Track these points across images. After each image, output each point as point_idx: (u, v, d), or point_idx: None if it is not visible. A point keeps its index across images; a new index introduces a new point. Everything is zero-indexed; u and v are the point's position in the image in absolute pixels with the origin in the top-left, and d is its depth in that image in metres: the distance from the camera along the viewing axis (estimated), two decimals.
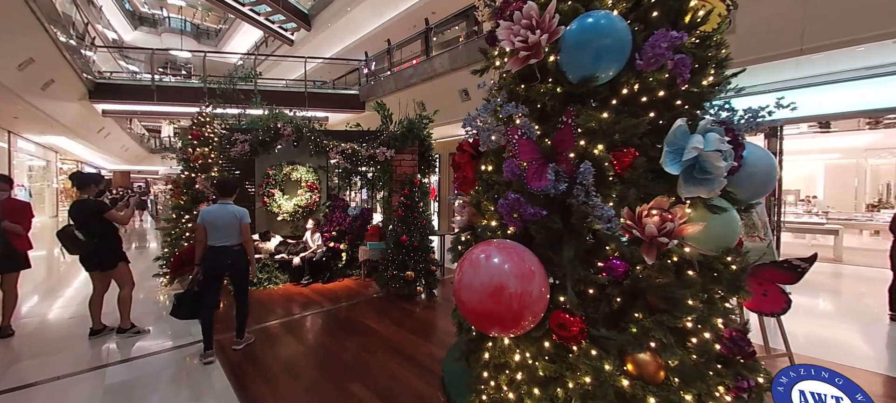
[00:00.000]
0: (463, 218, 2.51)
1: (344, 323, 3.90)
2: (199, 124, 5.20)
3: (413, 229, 4.79)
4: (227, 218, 3.02)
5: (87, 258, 3.26)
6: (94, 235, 3.21)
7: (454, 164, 2.52)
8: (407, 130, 5.26)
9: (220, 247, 3.01)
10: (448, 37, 12.91)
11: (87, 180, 3.34)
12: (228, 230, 3.02)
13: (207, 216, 3.02)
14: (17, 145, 12.22)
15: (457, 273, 1.83)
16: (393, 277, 4.66)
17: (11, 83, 7.25)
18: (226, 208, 3.07)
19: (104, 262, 3.32)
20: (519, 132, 1.88)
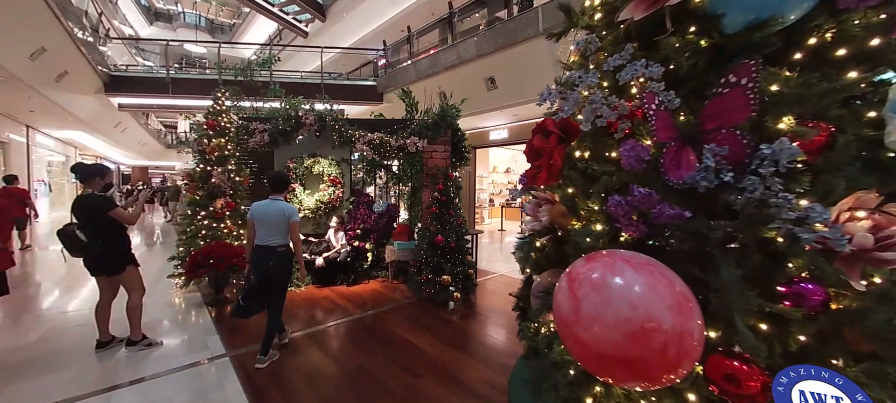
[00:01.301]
0: (541, 219, 2.00)
1: (378, 335, 3.44)
2: (215, 113, 4.80)
3: (449, 229, 4.29)
4: (274, 215, 2.78)
5: (92, 261, 2.86)
6: (99, 235, 2.80)
7: (532, 150, 2.00)
8: (439, 118, 4.75)
9: (265, 246, 2.78)
10: (466, 26, 12.31)
11: (91, 171, 2.91)
12: (275, 228, 2.78)
13: (256, 211, 2.82)
14: (36, 140, 12.16)
15: (565, 297, 1.32)
16: (427, 281, 4.18)
17: (24, 74, 6.99)
18: (275, 204, 2.82)
19: (110, 266, 2.91)
20: (656, 101, 1.35)
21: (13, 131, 10.60)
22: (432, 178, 4.86)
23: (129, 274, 3.00)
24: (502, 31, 7.72)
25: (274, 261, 2.77)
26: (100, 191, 2.93)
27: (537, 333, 2.08)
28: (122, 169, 27.06)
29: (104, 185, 2.97)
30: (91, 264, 2.87)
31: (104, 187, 2.97)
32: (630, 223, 1.48)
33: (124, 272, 2.96)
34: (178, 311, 4.12)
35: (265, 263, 2.76)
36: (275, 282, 2.84)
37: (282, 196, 2.92)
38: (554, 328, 1.91)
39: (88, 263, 2.87)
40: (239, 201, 4.85)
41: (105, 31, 10.88)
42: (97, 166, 2.95)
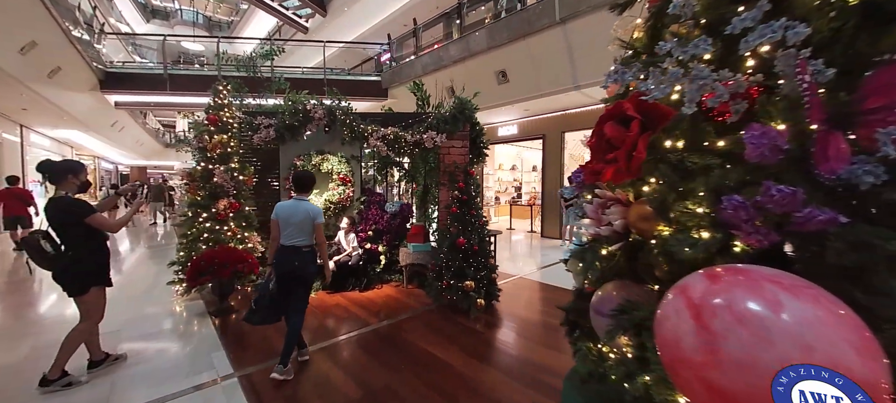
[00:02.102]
0: (611, 223, 1.69)
1: (400, 348, 3.13)
2: (217, 108, 4.47)
3: (471, 230, 3.98)
4: (300, 215, 2.68)
5: (58, 274, 2.43)
6: (70, 246, 2.41)
7: (602, 141, 1.69)
8: (458, 111, 4.43)
9: (290, 246, 2.68)
10: (471, 19, 11.95)
11: (61, 169, 2.47)
12: (301, 229, 2.68)
13: (281, 211, 2.71)
14: (31, 140, 11.81)
15: (688, 330, 1.01)
16: (448, 287, 3.87)
17: (14, 69, 6.66)
18: (300, 205, 2.72)
19: (69, 284, 2.44)
20: (808, 73, 1.04)
21: (7, 131, 10.26)
22: (450, 175, 4.54)
23: (91, 298, 2.53)
24: (515, 21, 7.38)
25: (299, 260, 2.68)
26: (75, 192, 2.55)
27: (603, 357, 1.77)
28: (121, 169, 26.69)
29: (80, 184, 2.57)
30: (58, 278, 2.45)
31: (80, 187, 2.58)
32: (754, 230, 1.17)
33: (86, 293, 2.49)
34: (179, 321, 3.81)
35: (289, 262, 2.67)
36: (299, 282, 2.72)
37: (307, 196, 2.81)
38: (632, 355, 1.61)
39: (56, 276, 2.45)
40: (243, 202, 4.54)
41: (100, 26, 10.51)
42: (68, 163, 2.55)
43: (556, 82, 7.47)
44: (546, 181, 9.77)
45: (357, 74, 12.69)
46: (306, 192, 2.82)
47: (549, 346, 3.17)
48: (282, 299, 2.70)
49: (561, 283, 5.15)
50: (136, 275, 5.87)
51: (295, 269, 2.67)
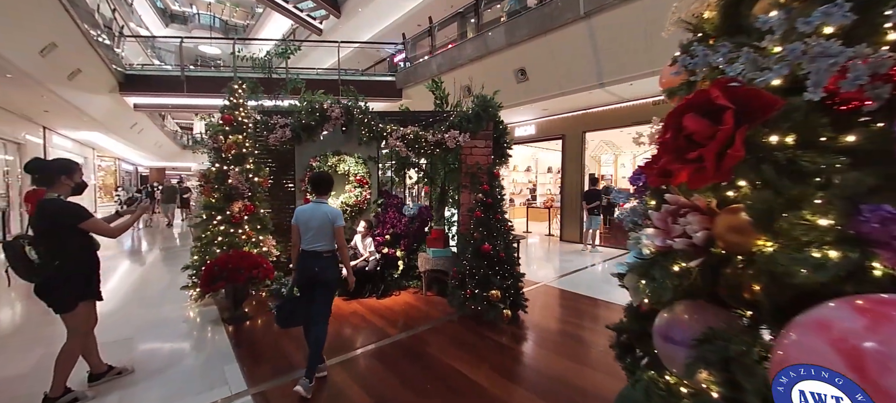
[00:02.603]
0: (690, 234, 1.43)
1: (425, 364, 2.90)
2: (232, 108, 4.33)
3: (496, 236, 3.73)
4: (320, 219, 2.56)
5: (42, 287, 2.18)
6: (58, 254, 2.17)
7: (679, 136, 1.42)
8: (481, 108, 4.19)
9: (311, 251, 2.55)
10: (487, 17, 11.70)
11: (52, 169, 2.23)
12: (321, 233, 2.56)
13: (301, 216, 2.59)
14: (53, 142, 12.04)
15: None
16: (472, 296, 3.63)
17: (35, 71, 6.70)
18: (319, 208, 2.59)
19: (56, 298, 2.20)
20: None
21: (30, 133, 10.45)
22: (472, 177, 4.31)
23: (79, 314, 2.29)
24: (536, 17, 7.11)
25: (319, 266, 2.55)
26: (69, 194, 2.32)
27: (674, 392, 1.51)
28: (141, 170, 27.30)
29: (74, 186, 2.33)
30: (41, 290, 2.19)
31: (75, 189, 2.35)
32: None
33: (74, 310, 2.25)
34: (192, 328, 3.66)
35: (310, 268, 2.55)
36: (321, 287, 2.58)
37: (326, 199, 2.69)
38: (717, 395, 1.35)
39: (40, 290, 2.19)
40: (258, 205, 4.39)
41: (119, 28, 10.64)
42: (61, 162, 2.30)
43: (578, 80, 7.17)
44: (566, 183, 9.44)
45: (371, 74, 12.57)
46: (325, 194, 2.68)
47: (586, 364, 2.90)
48: (304, 305, 2.57)
49: (589, 292, 4.85)
50: (152, 277, 5.80)
51: (315, 274, 2.54)
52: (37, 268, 2.13)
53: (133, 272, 6.13)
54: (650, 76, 6.30)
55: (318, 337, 2.51)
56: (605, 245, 8.48)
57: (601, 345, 3.23)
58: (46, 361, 2.80)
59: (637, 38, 6.04)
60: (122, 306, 4.31)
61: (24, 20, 5.76)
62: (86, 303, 2.32)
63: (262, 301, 4.31)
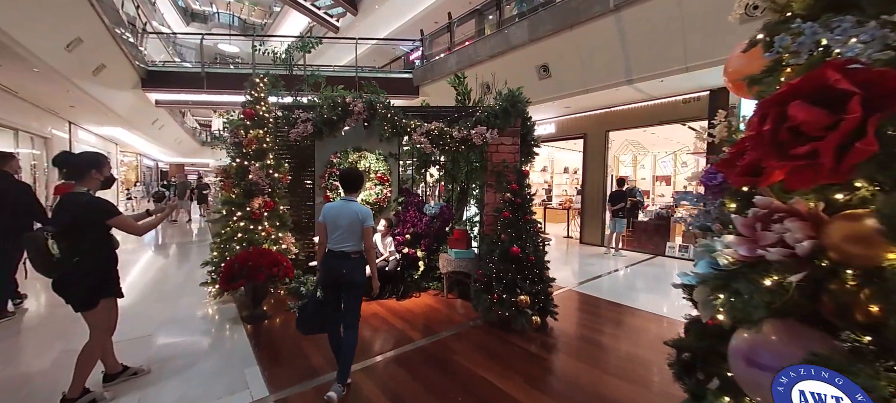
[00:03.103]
0: (790, 243, 1.22)
1: (450, 372, 2.74)
2: (253, 102, 4.25)
3: (526, 238, 3.54)
4: (348, 218, 2.40)
5: (60, 283, 2.10)
6: (79, 250, 2.09)
7: (781, 126, 1.21)
8: (509, 104, 3.99)
9: (338, 251, 2.40)
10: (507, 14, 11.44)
11: (81, 163, 2.16)
12: (349, 232, 2.41)
13: (329, 214, 2.44)
14: (79, 136, 12.33)
15: None
16: (499, 301, 3.44)
17: (61, 66, 6.79)
18: (348, 206, 2.44)
19: (76, 295, 2.12)
20: None
21: (56, 127, 10.70)
22: (498, 176, 4.12)
23: (100, 310, 2.21)
24: (561, 11, 6.86)
25: (347, 268, 2.39)
26: (98, 189, 2.27)
27: None
28: (161, 166, 27.94)
29: (103, 180, 2.28)
30: (59, 286, 2.12)
31: (104, 183, 2.30)
32: None
33: (96, 307, 2.17)
34: (211, 326, 3.58)
35: (337, 269, 2.39)
36: (348, 289, 2.43)
37: (356, 196, 2.54)
38: None
39: (58, 286, 2.12)
40: (278, 201, 4.29)
41: (142, 25, 10.80)
42: (89, 156, 2.22)
43: (605, 76, 6.89)
44: (587, 184, 9.15)
45: (387, 71, 12.47)
46: (355, 192, 2.53)
47: (625, 379, 2.69)
48: (329, 308, 2.42)
49: (617, 298, 4.61)
50: (169, 272, 5.80)
51: (342, 276, 2.39)
52: (55, 263, 2.06)
53: (151, 266, 6.15)
54: (683, 72, 5.99)
55: (350, 343, 2.38)
56: (629, 249, 8.17)
57: (640, 358, 3.01)
58: (65, 358, 2.74)
59: (671, 32, 5.74)
60: (140, 301, 4.28)
61: (51, 15, 5.82)
62: (107, 300, 2.23)
63: (282, 300, 4.21)
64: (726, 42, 5.31)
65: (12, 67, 6.54)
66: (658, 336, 3.40)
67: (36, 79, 7.24)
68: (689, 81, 6.47)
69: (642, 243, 8.19)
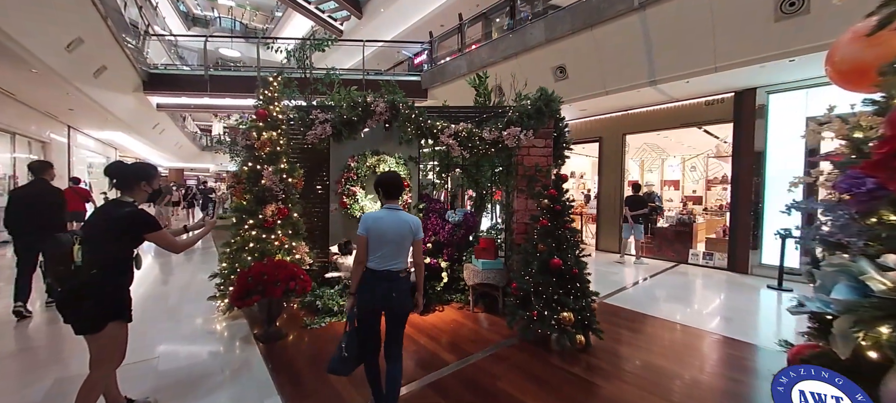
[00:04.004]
0: None
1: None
2: (267, 101, 3.96)
3: (566, 248, 3.24)
4: (399, 230, 2.05)
5: (70, 295, 1.82)
6: (103, 262, 1.86)
7: None
8: (543, 103, 3.72)
9: (384, 271, 2.02)
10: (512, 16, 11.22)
11: (133, 174, 2.03)
12: (399, 248, 2.06)
13: (374, 225, 2.04)
14: (78, 141, 12.03)
15: None
16: (540, 318, 3.14)
17: (61, 67, 6.51)
18: (396, 216, 2.09)
19: (84, 314, 1.83)
20: None
21: (54, 131, 10.40)
22: (529, 180, 3.83)
23: (107, 336, 1.88)
24: (581, 9, 6.62)
25: (397, 291, 2.03)
26: (144, 201, 2.10)
27: None
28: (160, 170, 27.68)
29: (151, 193, 2.12)
30: (62, 304, 1.83)
31: (151, 196, 2.13)
32: None
33: (102, 331, 1.86)
34: (222, 346, 3.26)
35: (386, 294, 2.01)
36: (395, 317, 2.09)
37: (399, 203, 2.18)
38: None
39: (67, 300, 1.82)
40: (291, 208, 3.99)
41: (145, 26, 10.55)
42: (140, 168, 2.08)
43: (626, 78, 6.64)
44: (603, 189, 8.87)
45: (394, 74, 12.22)
46: (396, 198, 2.18)
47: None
48: (370, 342, 2.09)
49: (654, 311, 4.30)
50: (172, 283, 5.47)
51: (391, 302, 2.03)
52: (73, 272, 1.81)
53: (150, 276, 5.82)
54: (712, 72, 5.74)
55: (395, 376, 2.06)
56: (648, 256, 7.87)
57: (706, 385, 2.70)
58: (60, 387, 2.43)
59: (700, 31, 5.49)
60: (141, 317, 3.95)
61: (51, 14, 5.55)
62: (115, 325, 1.92)
63: (295, 314, 3.90)
64: (760, 40, 5.07)
65: (9, 67, 6.26)
66: (725, 361, 3.11)
67: (34, 80, 6.96)
68: (715, 82, 6.22)
69: (663, 251, 7.89)
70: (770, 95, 6.35)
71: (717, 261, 6.99)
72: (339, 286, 4.00)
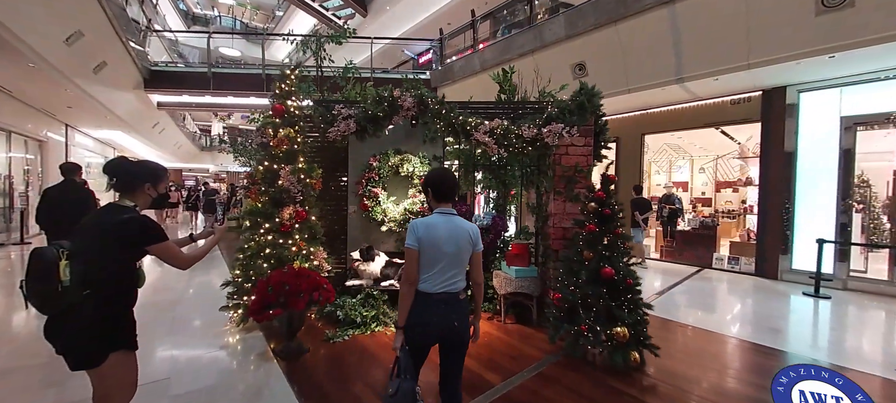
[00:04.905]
0: None
1: None
2: (283, 96, 3.67)
3: (617, 256, 2.96)
4: (457, 239, 1.66)
5: (57, 323, 1.48)
6: (93, 279, 1.48)
7: None
8: (586, 97, 3.44)
9: (441, 294, 1.65)
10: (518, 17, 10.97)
11: (138, 174, 1.69)
12: (457, 262, 1.68)
13: (429, 234, 1.64)
14: (75, 140, 11.68)
15: None
16: (592, 332, 2.85)
17: (59, 62, 6.19)
18: (453, 222, 1.70)
19: (79, 343, 1.48)
20: None
21: (53, 130, 10.06)
22: (567, 181, 3.55)
23: (110, 367, 1.54)
24: (605, 4, 6.35)
25: (458, 317, 1.67)
26: (148, 206, 1.73)
27: None
28: None
29: (156, 198, 1.75)
30: (55, 328, 1.48)
31: (156, 201, 1.76)
32: None
33: (103, 363, 1.52)
34: (239, 364, 2.96)
35: (446, 321, 1.65)
36: (458, 351, 1.74)
37: (452, 206, 1.77)
38: None
39: (54, 328, 1.48)
40: (309, 210, 3.70)
41: (146, 23, 10.24)
42: (146, 168, 1.74)
43: (651, 74, 6.37)
44: (620, 190, 8.60)
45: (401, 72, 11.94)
46: (450, 200, 1.77)
47: None
48: (418, 363, 1.73)
49: (698, 322, 4.02)
50: (177, 291, 5.15)
51: (453, 331, 1.66)
52: (59, 293, 1.42)
53: (151, 282, 5.49)
54: (745, 69, 5.48)
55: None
56: (669, 260, 7.60)
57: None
58: None
59: (734, 25, 5.24)
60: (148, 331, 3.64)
61: (50, 3, 5.24)
62: (119, 355, 1.58)
63: (314, 326, 3.60)
64: (798, 35, 4.82)
65: (5, 61, 5.94)
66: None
67: (31, 76, 6.64)
68: (743, 80, 5.97)
69: (684, 254, 7.62)
70: (801, 93, 6.10)
71: (743, 266, 6.72)
72: (360, 294, 3.70)
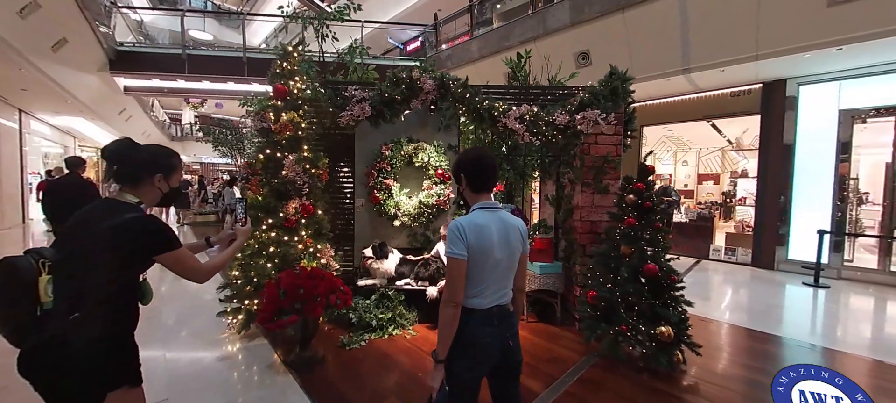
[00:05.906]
0: None
1: None
2: (287, 75, 3.27)
3: (659, 252, 2.79)
4: (509, 241, 1.34)
5: (37, 357, 1.09)
6: (83, 299, 1.10)
7: None
8: (619, 81, 3.24)
9: (494, 309, 1.32)
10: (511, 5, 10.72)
11: (143, 164, 1.29)
12: (509, 269, 1.37)
13: (479, 238, 1.27)
14: (31, 127, 10.60)
15: None
16: (631, 332, 2.68)
17: (12, 36, 5.45)
18: (501, 218, 1.36)
19: (65, 383, 1.10)
20: None
21: (3, 116, 9.05)
22: (597, 172, 3.36)
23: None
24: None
25: (512, 335, 1.38)
26: (155, 203, 1.35)
27: None
28: None
29: (167, 193, 1.35)
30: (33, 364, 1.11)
31: (167, 197, 1.36)
32: None
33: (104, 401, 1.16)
34: (247, 378, 2.61)
35: (500, 340, 1.33)
36: (515, 376, 1.43)
37: (492, 198, 1.42)
38: None
39: (31, 363, 1.10)
40: (315, 203, 3.34)
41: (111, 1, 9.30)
42: (156, 154, 1.33)
43: (657, 64, 6.28)
44: None
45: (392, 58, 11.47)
46: (490, 191, 1.42)
47: None
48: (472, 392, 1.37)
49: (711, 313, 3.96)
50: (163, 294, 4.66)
51: (509, 352, 1.36)
52: (38, 319, 1.06)
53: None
54: (753, 60, 5.45)
55: None
56: None
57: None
58: None
59: (745, 15, 5.17)
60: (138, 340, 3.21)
61: None
62: (120, 394, 1.19)
63: (322, 330, 3.27)
64: (810, 26, 4.80)
65: None
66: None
67: None
68: (748, 71, 5.97)
69: (681, 246, 7.68)
70: (801, 86, 6.16)
71: (740, 257, 6.82)
72: (374, 294, 3.40)
